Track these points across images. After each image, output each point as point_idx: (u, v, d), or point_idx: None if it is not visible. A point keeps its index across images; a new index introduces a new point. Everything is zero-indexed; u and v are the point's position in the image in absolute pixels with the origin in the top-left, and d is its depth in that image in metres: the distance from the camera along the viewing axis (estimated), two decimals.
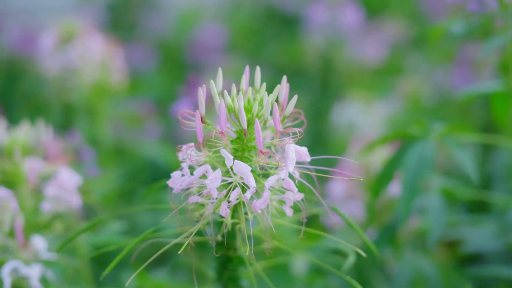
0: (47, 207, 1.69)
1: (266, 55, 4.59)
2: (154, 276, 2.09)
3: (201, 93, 1.25)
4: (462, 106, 2.84)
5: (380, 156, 2.02)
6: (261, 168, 1.27)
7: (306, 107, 3.53)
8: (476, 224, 2.22)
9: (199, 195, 1.25)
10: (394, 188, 1.95)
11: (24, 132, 1.74)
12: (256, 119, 1.21)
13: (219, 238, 1.35)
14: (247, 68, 1.33)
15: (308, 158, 1.28)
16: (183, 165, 1.27)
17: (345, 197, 2.12)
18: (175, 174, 1.27)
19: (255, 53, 4.78)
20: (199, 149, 1.25)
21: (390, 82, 3.46)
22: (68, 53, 2.37)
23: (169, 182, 1.28)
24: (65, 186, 1.72)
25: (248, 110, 1.25)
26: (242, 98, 1.23)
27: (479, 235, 2.14)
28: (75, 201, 1.74)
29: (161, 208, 1.53)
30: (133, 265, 2.02)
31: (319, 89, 3.43)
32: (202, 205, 1.32)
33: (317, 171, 1.30)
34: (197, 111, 1.23)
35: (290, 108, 1.27)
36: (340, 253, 2.13)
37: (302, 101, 3.56)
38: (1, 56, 4.41)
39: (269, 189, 1.24)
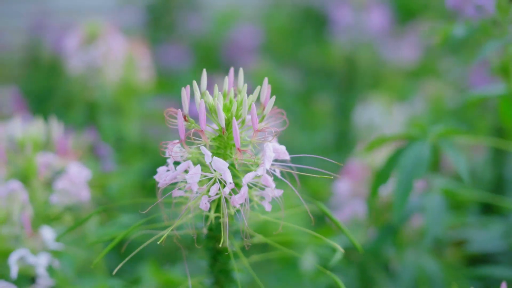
0: (55, 199, 1.78)
1: (302, 57, 4.64)
2: (169, 272, 2.17)
3: (184, 93, 1.32)
4: (483, 108, 2.86)
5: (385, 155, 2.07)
6: (244, 165, 1.34)
7: (332, 107, 3.59)
8: (484, 225, 2.25)
9: (181, 189, 1.31)
10: (385, 189, 2.00)
11: (37, 128, 1.83)
12: (234, 118, 1.27)
13: (205, 231, 1.42)
14: (232, 70, 1.39)
15: (286, 157, 1.34)
16: (169, 160, 1.34)
17: (350, 196, 2.16)
18: (161, 169, 1.34)
19: (292, 54, 4.83)
20: (183, 146, 1.32)
21: (419, 84, 3.48)
22: (90, 52, 2.47)
23: (156, 177, 1.35)
24: (75, 180, 1.81)
25: (227, 109, 1.31)
26: (221, 98, 1.29)
27: (485, 236, 2.17)
28: (84, 194, 1.82)
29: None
30: (149, 260, 2.11)
31: (344, 90, 3.49)
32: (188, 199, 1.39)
33: (301, 169, 1.36)
34: (179, 110, 1.30)
35: (269, 108, 1.33)
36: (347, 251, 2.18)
37: (329, 102, 3.62)
38: (43, 54, 4.55)
39: (249, 185, 1.31)
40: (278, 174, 1.35)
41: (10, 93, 2.74)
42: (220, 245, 1.41)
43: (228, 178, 1.26)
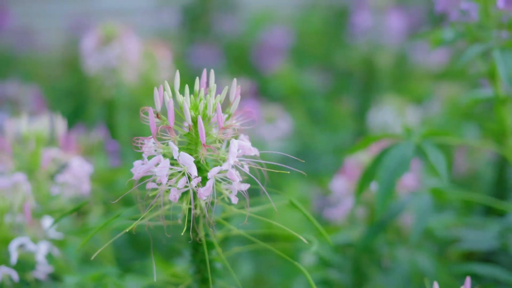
0: (56, 191, 1.90)
1: (333, 59, 4.71)
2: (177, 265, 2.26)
3: (156, 92, 1.41)
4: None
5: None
6: (215, 160, 1.43)
7: (353, 109, 3.66)
8: (483, 226, 2.30)
9: (154, 181, 1.41)
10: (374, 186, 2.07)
11: (41, 124, 1.95)
12: (199, 116, 1.37)
13: (180, 221, 1.51)
14: (205, 71, 1.48)
15: (252, 153, 1.43)
16: (144, 155, 1.44)
17: (346, 194, 2.24)
18: (136, 163, 1.44)
19: (324, 56, 4.90)
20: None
21: (437, 87, 3.53)
22: (106, 53, 2.59)
23: (132, 170, 1.45)
24: (76, 174, 1.93)
25: (195, 108, 1.40)
26: (188, 98, 1.39)
27: (480, 236, 2.22)
28: (85, 187, 1.94)
29: None
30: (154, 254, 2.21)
31: (363, 92, 3.55)
32: (167, 191, 1.48)
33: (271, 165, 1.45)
34: (150, 108, 1.40)
35: (235, 107, 1.42)
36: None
37: (351, 103, 3.69)
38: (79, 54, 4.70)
39: (217, 179, 1.40)
40: (246, 169, 1.44)
41: (32, 92, 2.88)
42: (197, 236, 1.50)
43: (193, 172, 1.35)
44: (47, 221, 1.81)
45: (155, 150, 1.42)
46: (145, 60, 2.99)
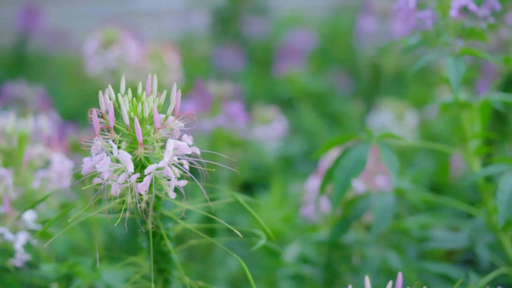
0: (37, 185, 2.04)
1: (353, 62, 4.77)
2: None
3: (101, 95, 1.54)
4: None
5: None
6: (157, 158, 1.56)
7: (361, 111, 3.74)
8: (459, 227, 2.39)
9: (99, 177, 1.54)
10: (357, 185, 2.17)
11: (26, 123, 2.10)
12: (136, 117, 1.49)
13: (128, 214, 1.63)
14: (149, 77, 1.60)
15: (188, 151, 1.55)
16: (91, 151, 1.57)
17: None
18: (85, 159, 1.57)
19: (349, 59, 4.97)
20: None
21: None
22: (106, 55, 2.74)
23: (82, 165, 1.58)
24: (57, 169, 2.08)
25: (134, 110, 1.53)
26: (127, 100, 1.51)
27: (451, 236, 2.30)
28: (64, 183, 2.08)
29: None
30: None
31: (368, 95, 3.64)
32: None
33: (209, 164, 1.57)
34: (94, 109, 1.53)
35: (171, 109, 1.54)
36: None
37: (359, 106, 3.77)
38: None
39: (156, 176, 1.53)
40: (186, 167, 1.56)
41: (36, 91, 3.04)
42: (144, 229, 1.63)
43: (130, 168, 1.47)
44: (27, 214, 1.95)
45: (102, 148, 1.55)
46: (154, 62, 3.12)
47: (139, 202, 1.58)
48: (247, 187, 2.98)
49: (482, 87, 2.89)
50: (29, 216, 1.96)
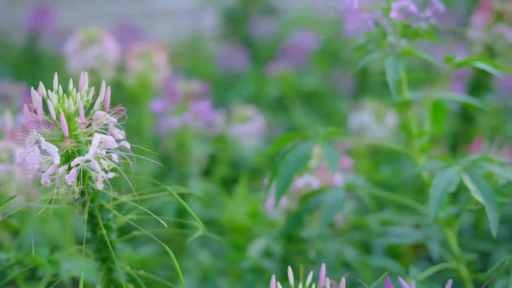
0: None
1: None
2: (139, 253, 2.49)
3: (33, 91, 1.63)
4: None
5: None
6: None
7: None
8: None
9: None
10: (299, 182, 2.23)
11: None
12: (62, 112, 1.58)
13: (64, 205, 1.73)
14: (82, 74, 1.69)
15: (114, 145, 1.63)
16: (25, 144, 1.66)
17: None
18: (19, 151, 1.67)
19: (349, 59, 5.00)
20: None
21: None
22: (86, 54, 2.84)
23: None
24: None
25: (62, 105, 1.62)
26: (55, 96, 1.60)
27: (406, 231, 2.36)
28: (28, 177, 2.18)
29: None
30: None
31: (356, 95, 3.70)
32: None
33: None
34: (25, 104, 1.62)
35: (97, 105, 1.62)
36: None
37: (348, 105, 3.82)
38: None
39: (84, 167, 1.61)
40: (115, 159, 1.64)
41: (20, 89, 3.15)
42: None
43: (56, 160, 1.56)
44: None
45: (35, 142, 1.64)
46: (143, 61, 3.22)
47: (73, 193, 1.66)
48: (227, 183, 3.06)
49: (457, 88, 2.94)
50: None
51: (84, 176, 1.64)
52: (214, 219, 2.80)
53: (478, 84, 2.70)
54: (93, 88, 1.66)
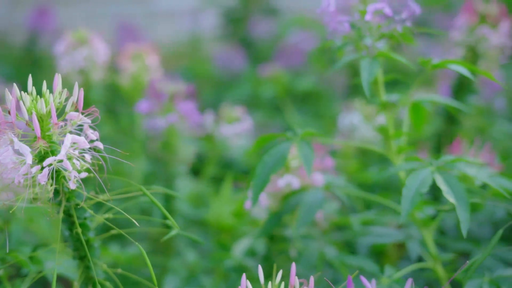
0: None
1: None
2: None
3: (7, 92, 1.67)
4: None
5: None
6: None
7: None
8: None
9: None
10: (280, 182, 2.26)
11: None
12: (34, 112, 1.61)
13: (39, 204, 1.76)
14: (56, 75, 1.72)
15: (86, 146, 1.66)
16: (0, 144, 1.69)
17: None
18: None
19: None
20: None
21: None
22: (75, 55, 2.88)
23: None
24: None
25: (34, 106, 1.65)
26: (27, 97, 1.64)
27: (387, 230, 2.38)
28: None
29: None
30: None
31: (348, 95, 3.73)
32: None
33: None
34: (0, 105, 1.65)
35: (69, 106, 1.65)
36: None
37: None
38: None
39: (57, 167, 1.65)
40: (88, 159, 1.67)
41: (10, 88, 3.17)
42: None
43: (28, 160, 1.60)
44: None
45: (9, 142, 1.68)
46: (135, 62, 3.26)
47: (47, 193, 1.70)
48: (217, 183, 3.09)
49: (444, 90, 2.96)
50: None
51: (58, 176, 1.67)
52: (203, 219, 2.83)
53: (462, 85, 2.72)
54: (65, 90, 1.69)
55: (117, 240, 2.68)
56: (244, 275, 1.63)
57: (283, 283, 1.64)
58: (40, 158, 1.66)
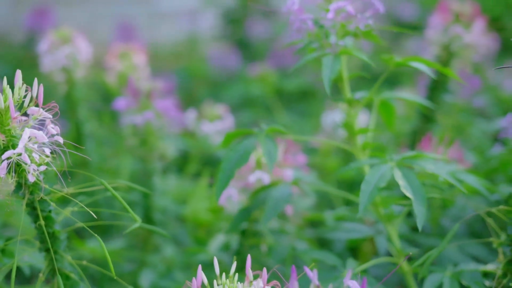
0: None
1: None
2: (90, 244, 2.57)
3: None
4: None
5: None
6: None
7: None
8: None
9: None
10: (251, 177, 2.30)
11: None
12: None
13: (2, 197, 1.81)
14: (17, 72, 1.76)
15: (44, 140, 1.70)
16: None
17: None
18: None
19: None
20: None
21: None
22: (57, 53, 2.94)
23: None
24: None
25: None
26: None
27: (357, 226, 2.42)
28: None
29: None
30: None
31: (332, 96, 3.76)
32: None
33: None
34: None
35: (27, 102, 1.70)
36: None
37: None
38: None
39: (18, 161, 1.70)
40: (48, 153, 1.72)
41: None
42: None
43: None
44: None
45: None
46: (123, 61, 3.31)
47: (7, 186, 1.74)
48: (199, 178, 3.12)
49: (422, 88, 2.98)
50: None
51: (20, 169, 1.72)
52: (183, 215, 2.87)
53: (437, 84, 2.74)
54: (24, 85, 1.74)
55: (102, 235, 2.72)
56: (200, 267, 1.66)
57: (237, 274, 1.67)
58: (1, 152, 1.71)
